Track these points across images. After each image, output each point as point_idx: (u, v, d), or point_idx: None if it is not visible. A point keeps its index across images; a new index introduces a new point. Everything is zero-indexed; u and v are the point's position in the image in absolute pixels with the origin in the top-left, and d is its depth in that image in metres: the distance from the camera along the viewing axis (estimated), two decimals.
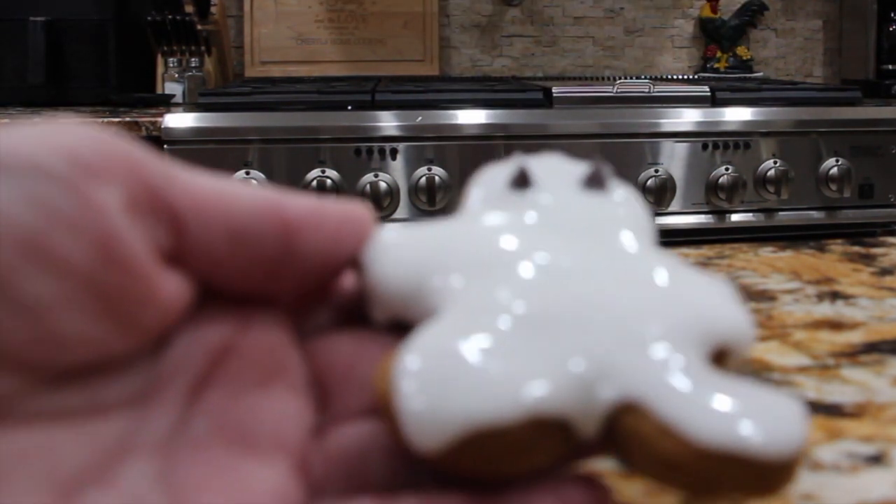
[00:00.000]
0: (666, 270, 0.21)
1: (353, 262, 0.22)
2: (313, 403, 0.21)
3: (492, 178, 0.23)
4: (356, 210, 0.22)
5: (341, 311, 0.23)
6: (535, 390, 0.18)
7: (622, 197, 0.23)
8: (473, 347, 0.18)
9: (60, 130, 0.18)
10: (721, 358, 0.20)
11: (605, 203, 0.23)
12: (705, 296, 0.20)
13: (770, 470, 0.17)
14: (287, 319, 0.22)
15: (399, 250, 0.21)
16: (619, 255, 0.21)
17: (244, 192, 0.20)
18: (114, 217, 0.17)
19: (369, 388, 0.20)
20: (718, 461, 0.17)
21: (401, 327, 0.21)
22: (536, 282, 0.20)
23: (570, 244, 0.21)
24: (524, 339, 0.19)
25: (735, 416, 0.17)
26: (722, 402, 0.17)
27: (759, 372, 0.33)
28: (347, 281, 0.23)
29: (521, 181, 0.23)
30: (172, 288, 0.19)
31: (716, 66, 2.02)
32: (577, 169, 0.23)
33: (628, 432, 0.18)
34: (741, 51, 2.03)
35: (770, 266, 0.48)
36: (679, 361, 0.18)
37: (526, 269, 0.20)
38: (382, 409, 0.19)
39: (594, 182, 0.23)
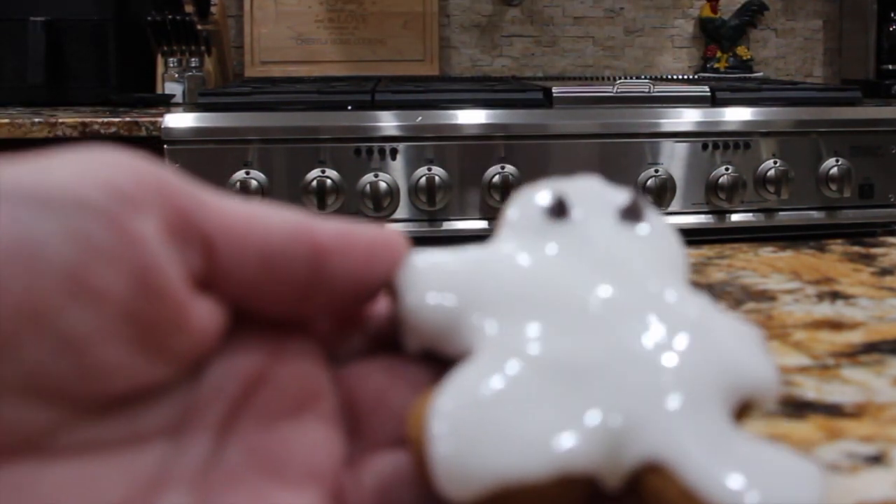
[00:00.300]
0: (697, 317, 0.21)
1: (388, 287, 0.21)
2: (344, 432, 0.21)
3: (528, 202, 0.23)
4: (388, 235, 0.22)
5: (375, 336, 0.23)
6: (565, 448, 0.18)
7: (657, 231, 0.23)
8: (506, 399, 0.19)
9: (97, 161, 0.18)
10: (745, 409, 0.20)
11: (641, 238, 0.23)
12: (734, 347, 0.20)
13: None
14: (319, 347, 0.22)
15: (434, 278, 0.21)
16: (652, 299, 0.21)
17: (274, 215, 0.20)
18: (151, 247, 0.18)
19: (400, 419, 0.21)
20: None
21: (434, 356, 0.21)
22: (570, 327, 0.20)
23: (605, 284, 0.21)
24: (556, 390, 0.19)
25: (749, 486, 0.18)
26: (739, 470, 0.18)
27: None
28: (381, 306, 0.23)
29: (559, 210, 0.23)
30: (205, 314, 0.19)
31: (716, 66, 2.02)
32: (614, 197, 0.23)
33: (653, 491, 0.18)
34: (741, 51, 2.03)
35: (770, 266, 0.48)
36: (704, 423, 0.19)
37: (560, 313, 0.20)
38: (414, 453, 0.19)
39: (631, 214, 0.23)
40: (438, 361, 0.21)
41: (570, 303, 0.21)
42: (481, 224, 1.35)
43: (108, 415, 0.18)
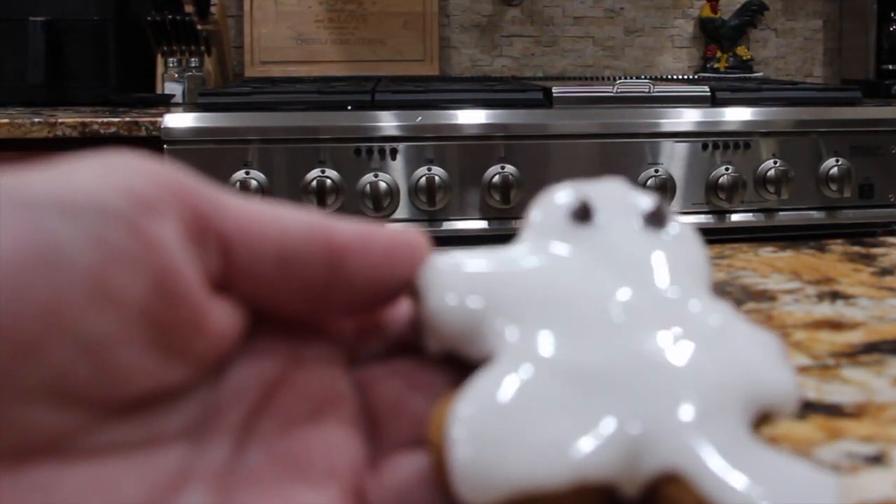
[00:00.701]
0: (718, 325, 0.21)
1: (409, 288, 0.21)
2: (364, 435, 0.21)
3: (552, 205, 0.23)
4: (408, 235, 0.22)
5: (394, 340, 0.23)
6: (585, 457, 0.18)
7: (681, 236, 0.23)
8: (526, 405, 0.19)
9: (116, 166, 0.19)
10: (764, 419, 0.20)
11: (665, 243, 0.23)
12: (754, 357, 0.20)
13: None
14: (339, 351, 0.22)
15: (456, 280, 0.21)
16: (674, 306, 0.21)
17: (291, 215, 0.20)
18: (170, 251, 0.18)
19: (418, 424, 0.21)
20: None
21: (454, 359, 0.21)
22: (591, 333, 0.20)
23: (628, 290, 0.21)
24: (576, 397, 0.19)
25: (766, 497, 0.18)
26: (757, 482, 0.18)
27: None
28: (403, 307, 0.23)
29: (583, 214, 0.23)
30: (224, 316, 0.19)
31: (716, 66, 2.02)
32: (638, 201, 0.23)
33: (669, 501, 0.18)
34: (741, 51, 2.03)
35: (770, 266, 0.48)
36: (723, 433, 0.19)
37: (582, 318, 0.20)
38: (433, 457, 0.19)
39: (655, 219, 0.23)
40: (458, 366, 0.21)
41: (592, 308, 0.20)
42: (481, 224, 1.35)
43: (128, 417, 0.18)
